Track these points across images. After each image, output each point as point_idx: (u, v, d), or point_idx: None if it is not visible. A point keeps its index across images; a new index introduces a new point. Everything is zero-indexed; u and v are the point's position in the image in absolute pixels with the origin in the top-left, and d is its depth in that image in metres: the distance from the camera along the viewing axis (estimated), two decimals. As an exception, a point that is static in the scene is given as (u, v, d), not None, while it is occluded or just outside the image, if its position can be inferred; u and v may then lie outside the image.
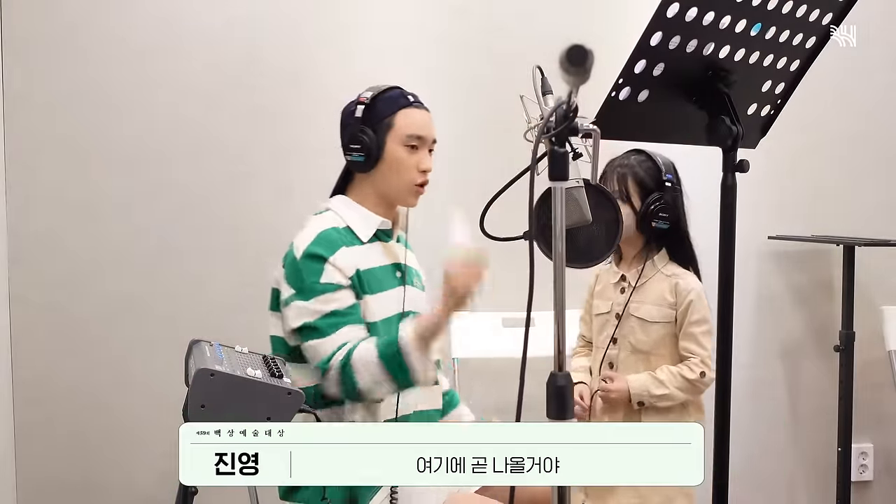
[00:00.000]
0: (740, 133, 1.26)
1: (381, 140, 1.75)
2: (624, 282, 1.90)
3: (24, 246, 2.34)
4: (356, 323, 1.70)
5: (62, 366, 2.37)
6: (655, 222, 1.82)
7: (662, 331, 1.83)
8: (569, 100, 1.09)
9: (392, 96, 1.78)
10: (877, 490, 2.92)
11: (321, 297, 1.68)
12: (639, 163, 1.89)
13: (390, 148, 1.76)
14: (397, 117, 1.76)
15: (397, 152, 1.76)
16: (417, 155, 1.77)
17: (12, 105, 2.32)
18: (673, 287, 1.84)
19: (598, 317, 1.96)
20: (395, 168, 1.76)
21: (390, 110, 1.76)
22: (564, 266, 1.13)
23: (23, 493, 2.37)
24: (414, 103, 1.79)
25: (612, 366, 1.87)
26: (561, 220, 1.12)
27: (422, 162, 1.78)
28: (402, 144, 1.76)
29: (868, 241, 2.63)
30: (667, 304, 1.83)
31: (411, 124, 1.76)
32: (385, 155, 1.76)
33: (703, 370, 1.79)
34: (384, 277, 1.79)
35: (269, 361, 1.52)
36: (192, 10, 2.40)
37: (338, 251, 1.72)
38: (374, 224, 1.80)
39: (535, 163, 1.11)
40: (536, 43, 2.56)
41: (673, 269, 1.88)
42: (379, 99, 1.77)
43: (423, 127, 1.78)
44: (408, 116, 1.77)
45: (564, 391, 1.11)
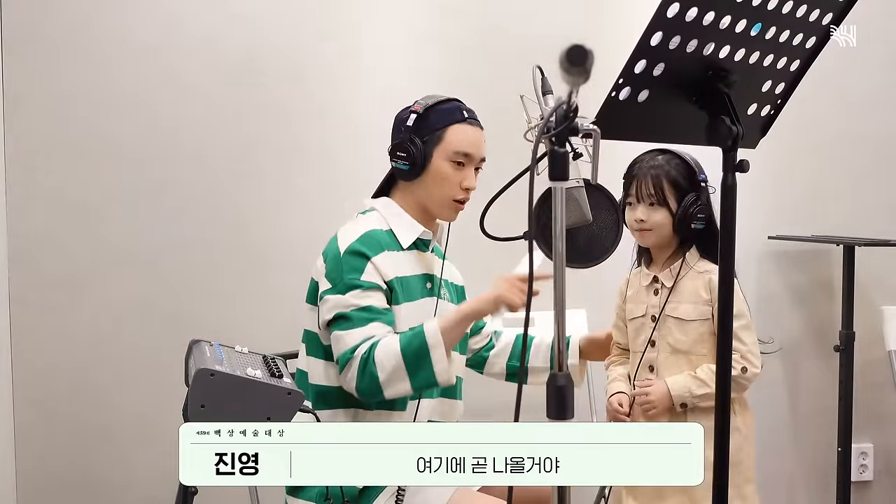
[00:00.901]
0: (740, 133, 1.26)
1: (428, 152, 1.74)
2: (657, 283, 1.86)
3: (24, 246, 2.34)
4: (388, 324, 1.69)
5: (62, 366, 2.37)
6: (694, 224, 1.77)
7: (701, 328, 1.79)
8: (569, 100, 1.09)
9: (447, 109, 1.77)
10: (877, 490, 2.92)
11: (357, 293, 1.68)
12: (669, 163, 1.82)
13: (436, 161, 1.75)
14: (448, 132, 1.75)
15: (442, 167, 1.75)
16: (463, 172, 1.76)
17: (12, 105, 2.32)
18: (707, 283, 1.79)
19: (633, 321, 1.91)
20: (438, 182, 1.76)
21: (442, 124, 1.75)
22: (564, 266, 1.13)
23: (23, 492, 2.37)
24: (468, 119, 1.78)
25: (653, 369, 1.82)
26: (561, 220, 1.12)
27: (465, 179, 1.77)
28: (449, 160, 1.75)
29: (868, 241, 2.63)
30: (702, 302, 1.79)
31: (461, 141, 1.75)
32: (430, 167, 1.75)
33: (745, 365, 1.74)
34: (416, 287, 1.79)
35: (269, 361, 1.52)
36: (193, 9, 2.40)
37: (381, 253, 1.72)
38: (417, 232, 1.80)
39: (535, 163, 1.11)
40: (535, 43, 2.56)
41: (705, 266, 1.83)
42: (433, 110, 1.76)
43: (473, 145, 1.77)
44: (459, 132, 1.75)
45: (564, 391, 1.11)
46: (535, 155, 1.11)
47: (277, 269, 2.47)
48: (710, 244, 1.83)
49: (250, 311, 2.46)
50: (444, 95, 1.81)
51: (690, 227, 1.78)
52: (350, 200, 1.94)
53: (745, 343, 1.77)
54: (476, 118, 1.81)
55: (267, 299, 2.47)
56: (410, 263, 1.80)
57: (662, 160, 1.82)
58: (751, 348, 1.77)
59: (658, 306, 1.83)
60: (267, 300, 2.46)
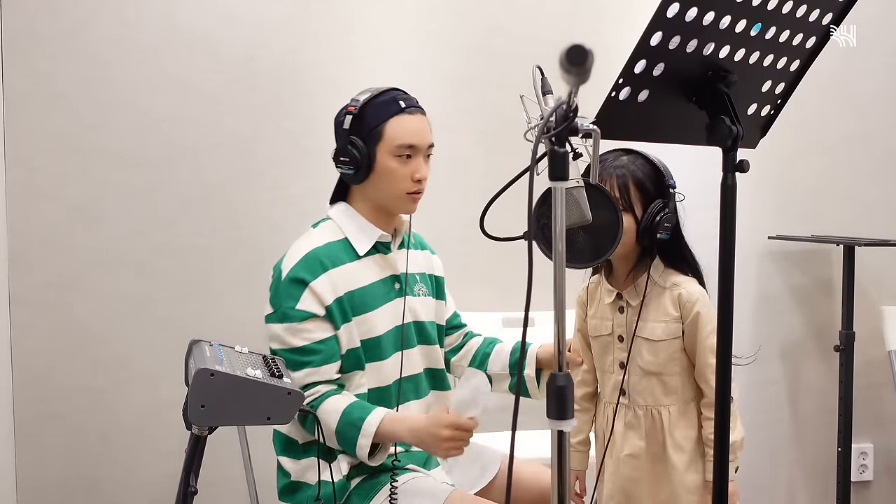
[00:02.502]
0: (740, 133, 1.26)
1: (371, 152, 1.68)
2: (621, 300, 1.72)
3: (24, 245, 2.34)
4: (323, 362, 1.67)
5: (62, 366, 2.37)
6: (660, 234, 1.64)
7: (671, 348, 1.66)
8: (569, 100, 1.09)
9: (382, 103, 1.69)
10: (877, 490, 2.93)
11: (291, 326, 1.66)
12: (635, 163, 1.68)
13: (381, 159, 1.68)
14: (387, 127, 1.67)
15: (389, 163, 1.68)
16: (411, 164, 1.70)
17: (12, 105, 2.32)
18: (676, 299, 1.66)
19: (598, 339, 1.76)
20: (387, 179, 1.69)
21: (379, 120, 1.68)
22: (564, 266, 1.13)
23: (23, 493, 2.37)
24: (406, 109, 1.69)
25: (624, 392, 1.71)
26: (561, 220, 1.12)
27: (416, 171, 1.70)
28: (393, 155, 1.68)
29: (868, 241, 2.63)
30: (672, 319, 1.65)
31: (403, 134, 1.68)
32: (376, 167, 1.69)
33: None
34: (381, 291, 1.75)
35: (268, 361, 1.52)
36: (192, 10, 2.40)
37: (325, 273, 1.68)
38: (374, 237, 1.75)
39: (534, 163, 1.11)
40: (536, 43, 2.56)
41: (672, 279, 1.69)
42: (368, 107, 1.68)
43: (416, 135, 1.69)
44: (398, 126, 1.68)
45: (564, 391, 1.11)
46: (534, 155, 1.11)
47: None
48: (676, 254, 1.70)
49: (250, 311, 2.46)
50: (381, 87, 1.72)
51: (655, 236, 1.63)
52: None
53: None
54: (415, 105, 1.72)
55: (266, 299, 2.46)
56: (370, 271, 1.75)
57: (627, 160, 1.68)
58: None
59: (624, 326, 1.71)
60: (266, 300, 2.46)
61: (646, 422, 1.70)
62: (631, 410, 1.71)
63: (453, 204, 2.44)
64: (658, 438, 1.69)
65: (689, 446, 1.68)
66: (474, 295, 2.53)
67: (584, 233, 1.48)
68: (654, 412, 1.69)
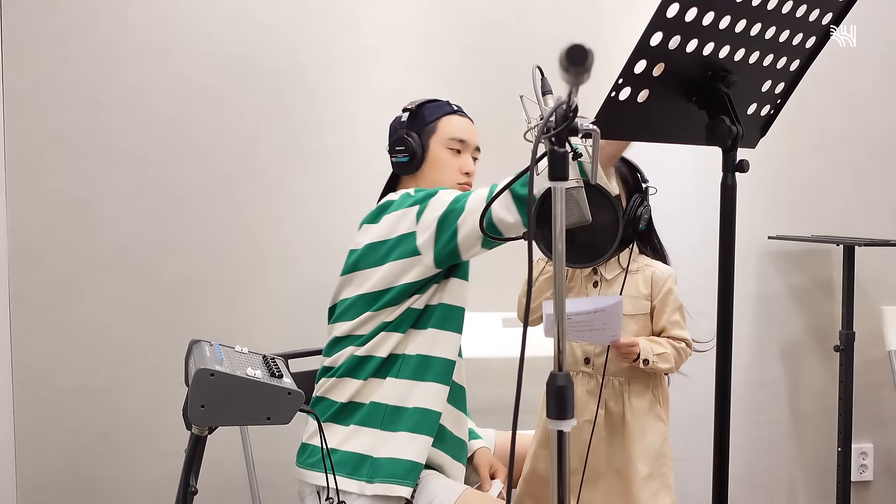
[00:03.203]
0: (740, 133, 1.26)
1: (425, 142, 1.84)
2: (596, 275, 1.85)
3: (24, 245, 2.34)
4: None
5: (62, 366, 2.37)
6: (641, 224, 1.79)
7: (638, 323, 1.81)
8: (569, 100, 1.09)
9: (436, 105, 1.88)
10: (877, 490, 2.93)
11: (446, 190, 1.69)
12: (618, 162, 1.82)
13: (433, 150, 1.84)
14: (441, 122, 1.85)
15: (440, 154, 1.84)
16: (460, 158, 1.86)
17: (12, 105, 2.32)
18: (648, 278, 1.81)
19: None
20: (438, 169, 1.84)
21: (434, 116, 1.86)
22: (564, 266, 1.13)
23: (23, 492, 2.37)
24: (458, 112, 1.89)
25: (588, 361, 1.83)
26: (561, 220, 1.12)
27: (464, 165, 1.86)
28: (445, 147, 1.84)
29: (868, 241, 2.63)
30: (642, 297, 1.81)
31: (455, 128, 1.85)
32: (428, 156, 1.84)
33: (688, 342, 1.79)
34: None
35: (269, 361, 1.52)
36: (193, 9, 2.41)
37: None
38: None
39: (534, 163, 1.11)
40: (536, 43, 2.57)
41: (644, 261, 1.85)
42: (424, 107, 1.87)
43: (466, 132, 1.87)
44: (451, 122, 1.86)
45: (564, 391, 1.11)
46: (534, 155, 1.11)
47: (278, 269, 2.47)
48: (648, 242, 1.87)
49: (250, 311, 2.46)
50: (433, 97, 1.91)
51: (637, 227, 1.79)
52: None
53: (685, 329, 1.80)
54: (465, 113, 1.91)
55: (267, 299, 2.47)
56: None
57: None
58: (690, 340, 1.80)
59: None
60: (267, 300, 2.47)
61: (606, 390, 1.80)
62: (593, 379, 1.81)
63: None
64: (617, 406, 1.79)
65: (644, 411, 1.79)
66: (474, 295, 2.52)
67: (583, 233, 1.48)
68: (615, 382, 1.80)
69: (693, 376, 1.95)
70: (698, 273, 2.47)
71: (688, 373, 1.86)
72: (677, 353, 1.78)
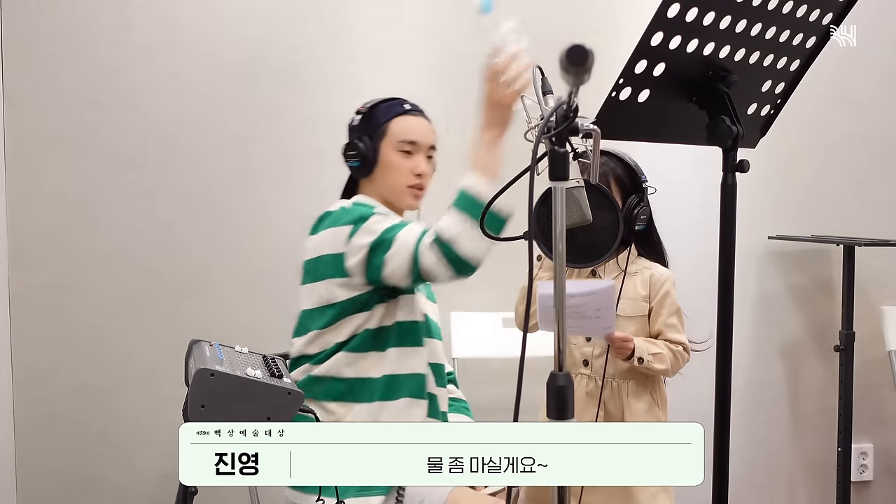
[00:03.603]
0: (740, 133, 1.26)
1: (375, 146, 1.81)
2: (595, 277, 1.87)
3: (24, 245, 2.34)
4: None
5: (62, 366, 2.37)
6: (638, 225, 1.79)
7: (636, 325, 1.81)
8: (569, 100, 1.09)
9: (388, 105, 1.84)
10: (877, 490, 2.93)
11: (379, 217, 1.71)
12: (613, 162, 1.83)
13: (384, 153, 1.82)
14: (391, 124, 1.82)
15: (391, 157, 1.81)
16: (412, 159, 1.82)
17: (12, 105, 2.32)
18: (647, 279, 1.82)
19: None
20: (389, 172, 1.82)
21: (385, 118, 1.83)
22: (564, 266, 1.13)
23: (23, 492, 2.37)
24: (410, 111, 1.85)
25: (587, 363, 1.84)
26: (561, 220, 1.12)
27: (416, 166, 1.82)
28: (396, 150, 1.81)
29: (868, 241, 2.63)
30: (640, 298, 1.82)
31: (405, 130, 1.82)
32: (380, 160, 1.82)
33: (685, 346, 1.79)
34: None
35: (269, 361, 1.52)
36: (192, 11, 2.40)
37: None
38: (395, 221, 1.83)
39: (535, 163, 1.11)
40: (536, 43, 2.56)
41: (643, 263, 1.85)
42: (376, 108, 1.84)
43: (417, 132, 1.83)
44: (402, 123, 1.83)
45: (564, 391, 1.11)
46: (535, 155, 1.11)
47: (277, 269, 2.47)
48: (648, 242, 1.87)
49: (250, 311, 2.46)
50: (388, 96, 1.87)
51: (634, 227, 1.79)
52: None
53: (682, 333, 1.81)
54: (419, 110, 1.87)
55: (267, 299, 2.47)
56: None
57: (606, 160, 1.83)
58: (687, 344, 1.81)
59: None
60: (267, 300, 2.47)
61: (605, 391, 1.81)
62: (592, 381, 1.82)
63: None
64: (616, 407, 1.80)
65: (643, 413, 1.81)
66: (474, 295, 2.53)
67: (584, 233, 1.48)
68: (613, 383, 1.81)
69: (693, 376, 1.95)
70: (698, 273, 2.46)
71: (688, 373, 1.86)
72: (674, 356, 1.78)
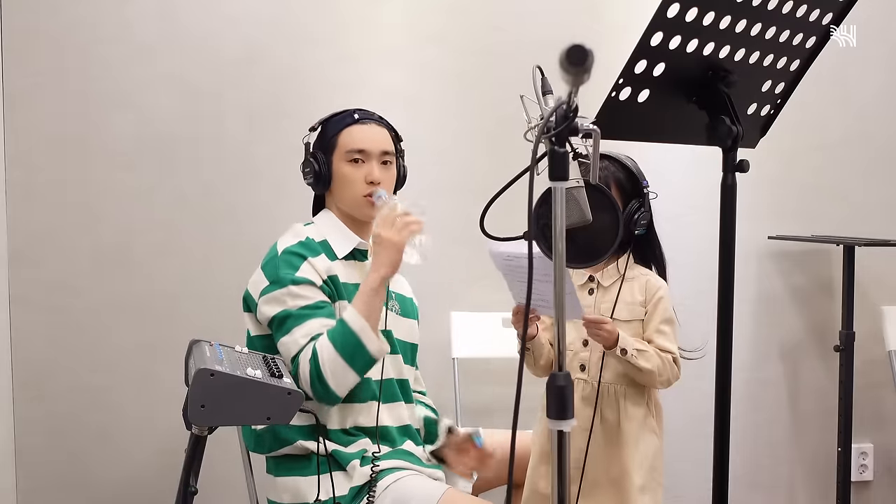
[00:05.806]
0: (740, 133, 1.26)
1: (328, 160, 1.86)
2: (592, 282, 1.85)
3: (24, 245, 2.34)
4: (327, 316, 1.75)
5: (62, 366, 2.37)
6: (638, 230, 1.78)
7: (632, 330, 1.80)
8: (569, 100, 1.09)
9: (338, 119, 1.89)
10: (877, 490, 2.93)
11: (293, 288, 1.75)
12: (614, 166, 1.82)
13: (336, 167, 1.86)
14: (340, 137, 1.86)
15: (343, 169, 1.85)
16: (363, 168, 1.85)
17: (12, 105, 2.32)
18: (643, 285, 1.81)
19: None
20: (343, 184, 1.86)
21: (335, 131, 1.87)
22: (564, 266, 1.13)
23: (23, 492, 2.37)
24: (360, 120, 1.88)
25: (584, 368, 1.81)
26: (561, 220, 1.12)
27: (368, 174, 1.84)
28: (346, 161, 1.85)
29: (868, 241, 2.63)
30: (637, 303, 1.81)
31: (352, 140, 1.85)
32: (333, 174, 1.87)
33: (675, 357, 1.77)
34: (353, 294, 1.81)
35: (268, 361, 1.52)
36: (192, 10, 2.40)
37: (317, 256, 1.81)
38: (353, 242, 1.88)
39: (535, 163, 1.11)
40: (536, 43, 2.56)
41: (640, 270, 1.85)
42: (327, 123, 1.89)
43: (364, 141, 1.86)
44: (350, 134, 1.86)
45: (564, 391, 1.11)
46: (535, 155, 1.11)
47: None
48: (647, 250, 1.86)
49: (250, 311, 2.46)
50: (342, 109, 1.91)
51: (634, 232, 1.78)
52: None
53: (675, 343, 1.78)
54: (371, 117, 1.91)
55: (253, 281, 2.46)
56: (348, 271, 1.86)
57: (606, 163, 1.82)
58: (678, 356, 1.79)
59: (592, 306, 1.82)
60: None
61: (602, 397, 1.79)
62: (589, 385, 1.80)
63: (453, 204, 2.44)
64: (612, 413, 1.79)
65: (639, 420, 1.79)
66: (474, 295, 2.53)
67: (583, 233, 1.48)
68: (610, 388, 1.80)
69: (693, 377, 1.95)
70: (698, 273, 2.46)
71: (687, 373, 1.86)
72: (661, 361, 1.75)
